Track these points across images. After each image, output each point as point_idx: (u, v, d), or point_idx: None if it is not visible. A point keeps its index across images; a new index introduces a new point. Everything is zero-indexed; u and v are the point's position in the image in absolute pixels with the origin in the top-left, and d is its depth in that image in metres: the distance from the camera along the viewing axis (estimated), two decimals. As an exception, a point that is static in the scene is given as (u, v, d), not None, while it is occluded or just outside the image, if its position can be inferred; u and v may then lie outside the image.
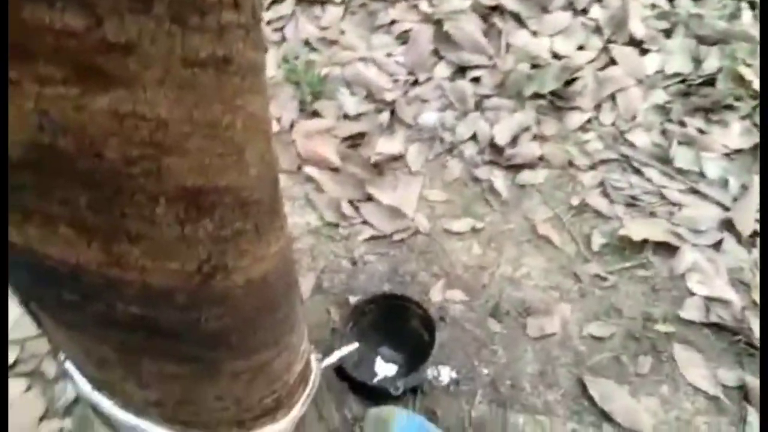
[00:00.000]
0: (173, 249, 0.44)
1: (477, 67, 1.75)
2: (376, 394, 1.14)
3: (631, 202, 1.54)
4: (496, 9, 1.86)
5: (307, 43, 1.82)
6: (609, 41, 1.79)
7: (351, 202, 1.54)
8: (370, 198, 1.54)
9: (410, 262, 1.46)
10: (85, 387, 0.61)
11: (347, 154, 1.60)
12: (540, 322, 1.36)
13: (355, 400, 1.13)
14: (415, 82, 1.75)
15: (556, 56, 1.77)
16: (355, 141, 1.64)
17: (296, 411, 0.75)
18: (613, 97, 1.71)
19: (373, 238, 1.49)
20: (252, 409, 0.66)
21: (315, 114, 1.69)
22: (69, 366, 0.61)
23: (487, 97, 1.71)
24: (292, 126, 1.66)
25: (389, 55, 1.79)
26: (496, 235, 1.51)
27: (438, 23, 1.78)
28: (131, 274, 0.44)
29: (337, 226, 1.51)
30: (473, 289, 1.42)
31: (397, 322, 1.26)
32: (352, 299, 1.35)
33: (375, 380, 1.19)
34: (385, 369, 1.26)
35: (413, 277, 1.43)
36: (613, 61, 1.76)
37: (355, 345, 1.07)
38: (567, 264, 1.46)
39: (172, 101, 0.36)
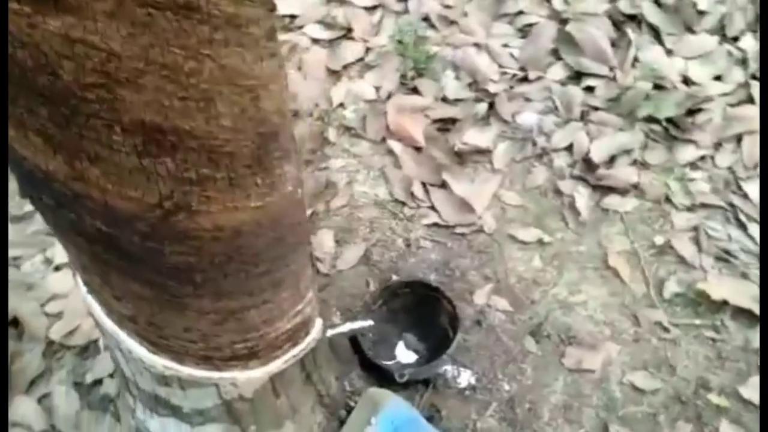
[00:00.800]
0: (133, 178, 0.46)
1: (594, 75, 1.64)
2: (381, 376, 1.14)
3: (723, 257, 1.39)
4: (634, 19, 1.72)
5: (426, 18, 1.80)
6: (753, 77, 1.60)
7: (424, 184, 1.52)
8: (443, 185, 1.51)
9: (464, 258, 1.42)
10: (82, 289, 0.67)
11: (434, 137, 1.58)
12: (580, 355, 1.28)
13: (361, 376, 1.14)
14: (524, 79, 1.67)
15: (686, 81, 1.61)
16: (445, 125, 1.61)
17: (274, 366, 0.77)
18: (738, 138, 1.53)
19: (435, 225, 1.47)
20: (221, 350, 0.69)
21: (414, 90, 1.67)
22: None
23: (596, 109, 1.60)
24: (388, 97, 1.66)
25: (505, 45, 1.73)
26: (562, 254, 1.42)
27: (565, 22, 1.68)
28: (94, 192, 0.47)
29: (403, 204, 1.50)
30: (520, 302, 1.36)
31: (427, 313, 1.24)
32: (394, 279, 1.36)
33: (390, 363, 1.19)
34: (404, 355, 1.25)
35: (463, 273, 1.40)
36: (750, 99, 1.57)
37: (370, 323, 1.07)
38: (629, 303, 1.35)
39: (125, 37, 0.37)
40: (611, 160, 1.53)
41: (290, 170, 0.63)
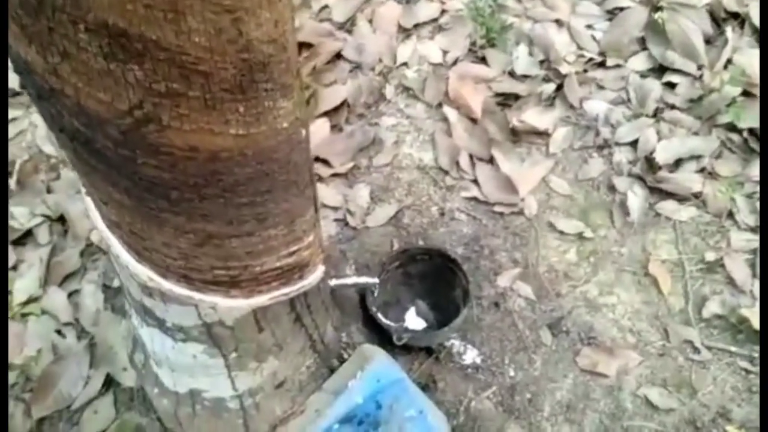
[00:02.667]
0: (102, 80, 0.47)
1: (679, 72, 1.52)
2: (382, 335, 1.13)
3: (779, 287, 1.27)
4: (737, 17, 1.57)
5: (511, -13, 1.72)
6: None
7: (471, 156, 1.48)
8: (491, 160, 1.46)
9: (497, 238, 1.38)
10: (82, 189, 0.70)
11: (492, 110, 1.52)
12: (597, 357, 1.22)
13: (362, 332, 1.14)
14: (601, 64, 1.57)
15: (781, 92, 1.46)
16: (506, 100, 1.55)
17: (257, 300, 0.78)
18: (827, 163, 1.38)
19: (473, 199, 1.43)
20: (201, 272, 0.71)
21: (481, 60, 1.61)
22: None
23: (672, 107, 1.49)
24: (454, 63, 1.61)
25: (589, 26, 1.62)
26: (601, 252, 1.35)
27: (658, 10, 1.56)
28: (67, 89, 0.49)
29: (446, 173, 1.47)
30: (545, 292, 1.31)
31: (443, 285, 1.22)
32: (420, 244, 1.34)
33: (395, 324, 1.19)
34: (413, 321, 1.24)
35: (492, 252, 1.36)
36: None
37: (375, 280, 1.06)
38: (662, 315, 1.27)
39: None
40: (676, 164, 1.42)
41: (286, 106, 0.63)
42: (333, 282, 1.00)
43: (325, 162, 1.45)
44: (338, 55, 1.62)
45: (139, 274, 0.71)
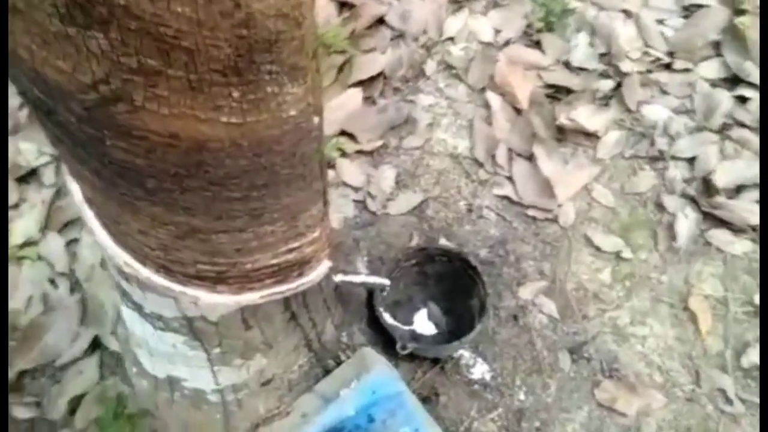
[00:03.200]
0: (60, 46, 0.37)
1: (754, 86, 1.36)
2: (386, 338, 1.05)
3: (832, 344, 1.14)
4: (833, 30, 1.39)
5: (580, -34, 1.56)
6: None
7: (510, 151, 1.35)
8: (531, 158, 1.34)
9: (525, 244, 1.27)
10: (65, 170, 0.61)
11: (539, 102, 1.39)
12: (617, 393, 1.12)
13: (365, 333, 1.05)
14: (667, 66, 1.42)
15: None
16: (557, 93, 1.41)
17: (246, 298, 0.70)
18: None
19: (506, 198, 1.31)
20: (183, 265, 0.61)
21: (536, 44, 1.47)
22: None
23: (742, 125, 1.33)
24: (505, 44, 1.47)
25: (660, 22, 1.46)
26: (639, 277, 1.23)
27: (740, 14, 1.39)
28: (21, 52, 0.39)
29: (480, 165, 1.35)
30: (570, 312, 1.20)
31: (460, 291, 1.12)
32: (442, 242, 1.23)
33: (403, 327, 1.09)
34: (423, 324, 1.15)
35: (518, 260, 1.25)
36: None
37: (386, 282, 0.97)
38: (696, 357, 1.15)
39: None
40: (737, 190, 1.28)
41: (295, 92, 0.52)
42: (339, 278, 0.91)
43: (352, 137, 1.34)
44: (381, 20, 1.49)
45: (115, 257, 0.63)
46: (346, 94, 1.38)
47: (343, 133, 1.34)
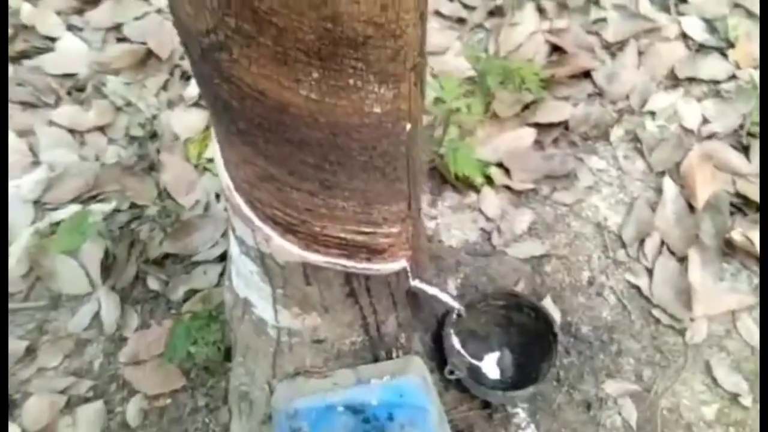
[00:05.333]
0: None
1: None
2: (440, 357, 1.07)
3: None
4: None
5: None
6: None
7: (663, 244, 1.25)
8: (683, 260, 1.23)
9: (635, 342, 1.18)
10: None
11: (718, 208, 1.25)
12: None
13: (424, 343, 1.08)
14: None
15: None
16: (744, 206, 1.26)
17: (311, 256, 0.79)
18: None
19: (636, 288, 1.23)
20: (261, 204, 0.73)
21: (744, 149, 1.32)
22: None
23: None
24: (709, 137, 1.35)
25: None
26: (749, 430, 1.07)
27: None
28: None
29: (623, 246, 1.27)
30: (651, 429, 1.09)
31: (536, 350, 1.09)
32: (547, 300, 1.20)
33: (468, 362, 1.10)
34: (490, 366, 1.14)
35: (619, 353, 1.17)
36: None
37: (459, 307, 0.99)
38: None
39: None
40: None
41: (382, 93, 0.59)
42: (415, 283, 0.96)
43: (507, 171, 1.36)
44: (586, 74, 1.48)
45: (222, 178, 0.76)
46: (520, 131, 1.40)
47: (499, 165, 1.37)
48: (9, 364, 1.21)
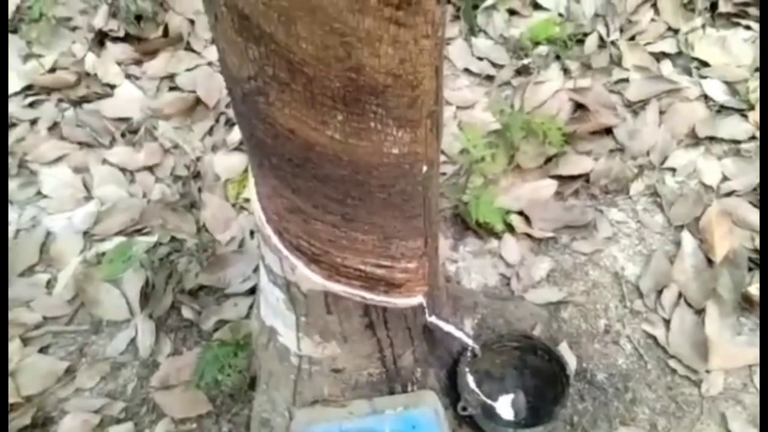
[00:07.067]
0: (233, 47, 0.58)
1: None
2: (454, 394, 1.10)
3: None
4: None
5: None
6: None
7: (680, 296, 1.28)
8: (700, 312, 1.25)
9: (649, 392, 1.19)
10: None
11: (737, 263, 1.27)
12: None
13: (439, 379, 1.12)
14: None
15: None
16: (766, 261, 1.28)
17: (332, 286, 0.85)
18: None
19: (652, 338, 1.25)
20: (289, 234, 0.80)
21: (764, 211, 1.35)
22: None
23: None
24: (728, 195, 1.38)
25: None
26: None
27: None
28: (219, 44, 0.61)
29: (640, 296, 1.30)
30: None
31: (549, 393, 1.11)
32: (563, 345, 1.23)
33: (482, 401, 1.13)
34: (504, 407, 1.16)
35: (633, 401, 1.18)
36: None
37: (474, 345, 1.03)
38: None
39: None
40: None
41: (400, 136, 0.67)
42: (431, 319, 1.01)
43: (527, 219, 1.42)
44: (608, 130, 1.53)
45: (255, 210, 0.84)
46: (542, 181, 1.46)
47: (521, 213, 1.42)
48: (50, 384, 1.29)
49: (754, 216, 1.35)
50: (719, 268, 1.29)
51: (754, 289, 1.24)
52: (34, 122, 1.76)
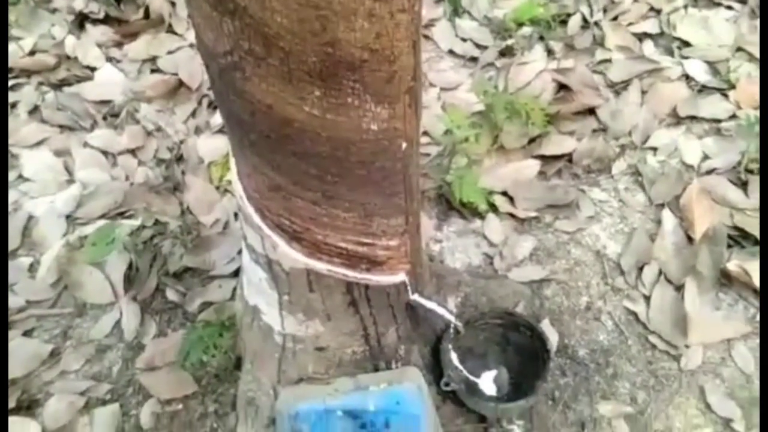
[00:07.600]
0: (209, 22, 0.59)
1: None
2: (438, 371, 1.11)
3: None
4: None
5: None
6: None
7: (661, 273, 1.30)
8: (679, 288, 1.27)
9: (630, 366, 1.21)
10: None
11: (716, 240, 1.29)
12: None
13: (423, 355, 1.13)
14: None
15: None
16: (742, 239, 1.29)
17: (314, 264, 0.86)
18: None
19: (633, 314, 1.27)
20: (270, 212, 0.80)
21: (742, 185, 1.36)
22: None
23: None
24: (708, 173, 1.40)
25: None
26: None
27: None
28: (194, 19, 0.61)
29: (622, 273, 1.32)
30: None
31: (531, 368, 1.13)
32: (545, 323, 1.24)
33: (465, 377, 1.14)
34: (486, 383, 1.18)
35: (614, 376, 1.20)
36: None
37: (457, 323, 1.04)
38: None
39: None
40: None
41: (378, 112, 0.67)
42: (413, 297, 1.02)
43: (510, 199, 1.43)
44: (591, 111, 1.54)
45: (236, 189, 0.84)
46: (525, 162, 1.47)
47: (504, 193, 1.43)
48: (35, 366, 1.29)
49: (733, 194, 1.37)
50: (699, 245, 1.31)
51: (733, 266, 1.26)
52: (14, 106, 1.74)
